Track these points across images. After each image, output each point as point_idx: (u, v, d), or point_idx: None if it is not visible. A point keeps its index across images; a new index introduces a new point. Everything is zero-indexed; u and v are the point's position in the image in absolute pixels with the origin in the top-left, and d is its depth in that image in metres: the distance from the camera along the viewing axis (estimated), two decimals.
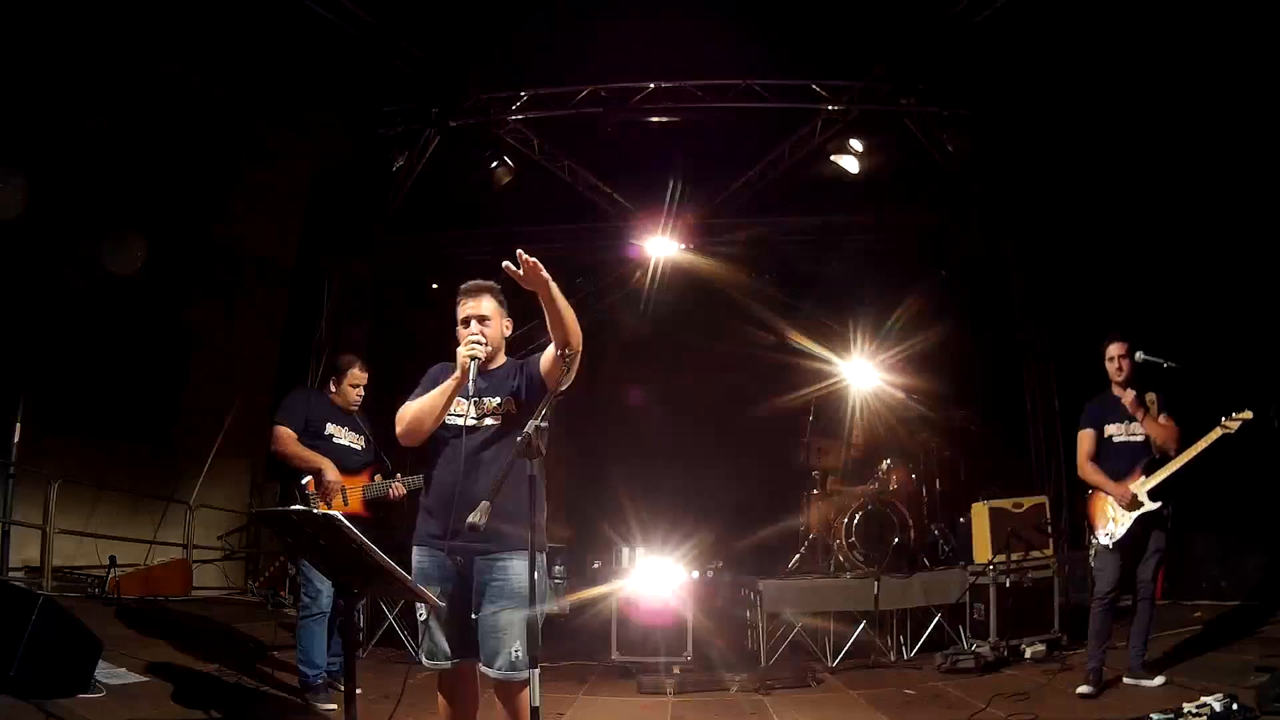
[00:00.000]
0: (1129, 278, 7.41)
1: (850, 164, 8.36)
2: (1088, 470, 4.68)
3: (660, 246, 9.15)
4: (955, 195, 8.62)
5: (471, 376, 2.80)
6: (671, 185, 8.97)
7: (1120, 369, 4.59)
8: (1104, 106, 7.25)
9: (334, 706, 4.32)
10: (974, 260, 8.80)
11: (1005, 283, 8.75)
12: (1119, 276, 7.55)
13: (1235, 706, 3.51)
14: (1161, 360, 4.42)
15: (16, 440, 6.40)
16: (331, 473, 4.40)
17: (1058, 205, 8.16)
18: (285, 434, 4.45)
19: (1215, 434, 4.25)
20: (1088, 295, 7.82)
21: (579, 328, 2.80)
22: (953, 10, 7.04)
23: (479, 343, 2.87)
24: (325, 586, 4.36)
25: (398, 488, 4.61)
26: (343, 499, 4.44)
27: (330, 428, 4.57)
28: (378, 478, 4.74)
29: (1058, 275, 8.29)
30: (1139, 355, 4.47)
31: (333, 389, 4.76)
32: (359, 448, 4.69)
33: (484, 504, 2.41)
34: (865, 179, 8.48)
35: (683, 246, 9.16)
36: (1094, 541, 4.61)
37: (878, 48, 7.75)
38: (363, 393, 4.75)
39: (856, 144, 8.26)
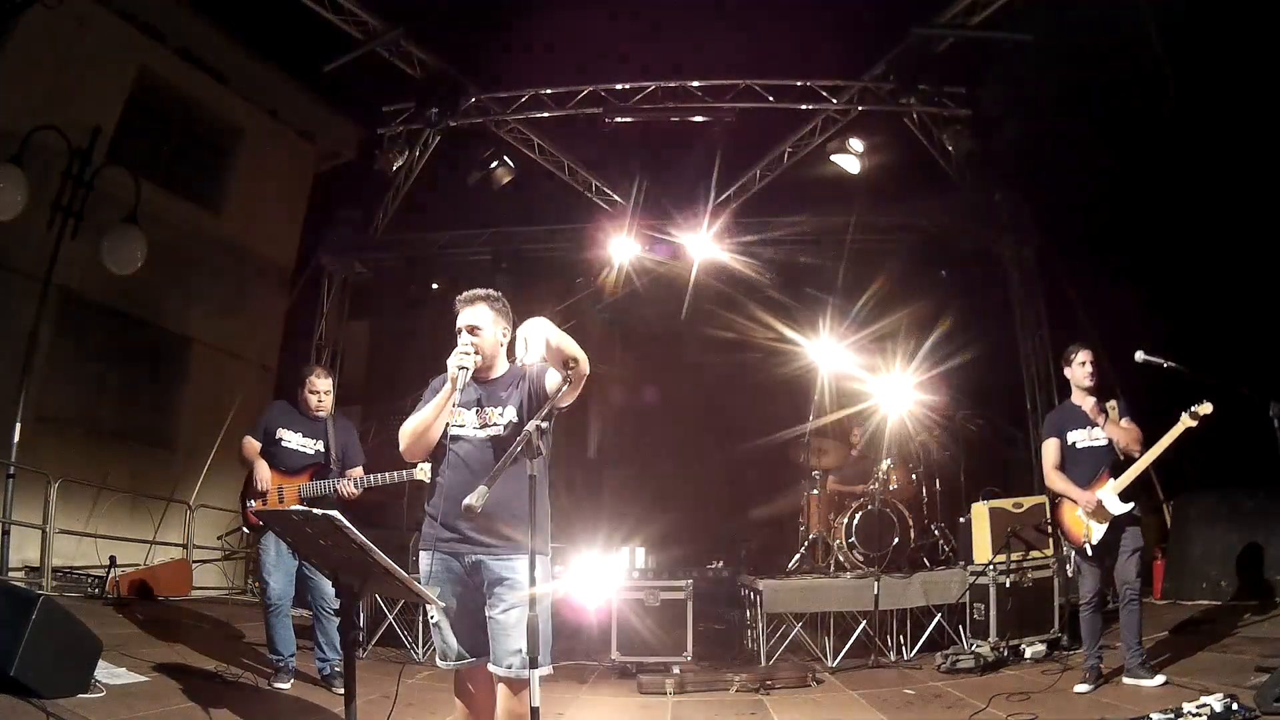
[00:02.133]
0: (1128, 276, 7.42)
1: (850, 164, 8.36)
2: (1054, 479, 4.74)
3: (659, 246, 9.15)
4: (955, 195, 8.63)
5: (460, 387, 2.82)
6: (671, 185, 8.98)
7: (1092, 374, 4.68)
8: (1102, 105, 7.26)
9: (287, 687, 4.68)
10: (974, 260, 8.80)
11: (1005, 283, 8.75)
12: (1118, 275, 7.55)
13: (1235, 706, 3.50)
14: (1161, 361, 4.41)
15: (16, 440, 6.39)
16: (261, 471, 4.79)
17: (1058, 205, 8.16)
18: (245, 442, 4.94)
19: (1178, 430, 4.29)
20: (1088, 295, 7.83)
21: (579, 350, 2.80)
22: (952, 10, 7.05)
23: (467, 354, 2.87)
24: (269, 578, 4.72)
25: (346, 486, 4.81)
26: (279, 496, 4.78)
27: (281, 433, 4.90)
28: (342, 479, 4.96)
29: (1057, 275, 8.30)
30: (1139, 356, 4.47)
31: (299, 398, 5.07)
32: (308, 451, 4.93)
33: (481, 488, 2.43)
34: (865, 179, 8.48)
35: (682, 246, 9.16)
36: (1069, 551, 4.63)
37: (878, 48, 7.75)
38: (322, 398, 4.98)
39: (856, 144, 8.27)
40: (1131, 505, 4.46)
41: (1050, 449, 4.78)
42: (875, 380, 8.29)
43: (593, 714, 4.95)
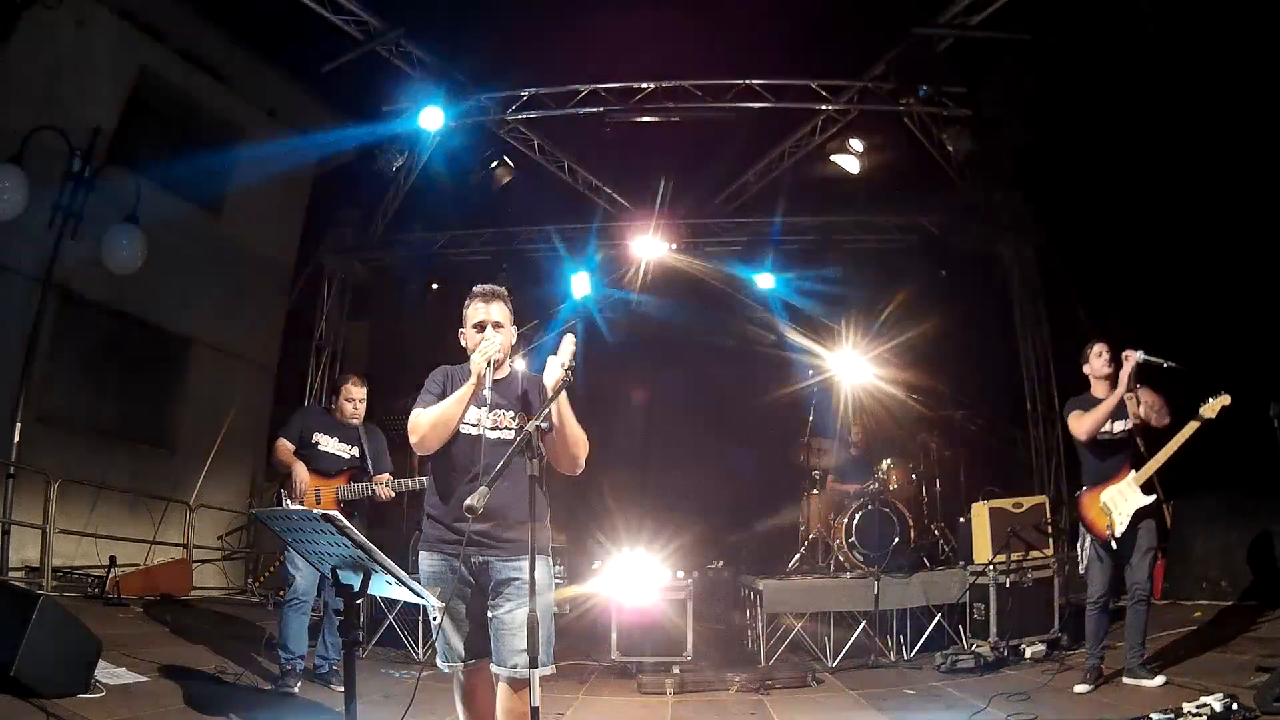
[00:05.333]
0: (1128, 277, 7.42)
1: (850, 164, 8.35)
2: (1084, 418, 4.57)
3: (660, 246, 9.15)
4: (955, 195, 8.63)
5: (488, 385, 2.82)
6: (671, 185, 8.98)
7: (1109, 361, 4.64)
8: (1103, 105, 7.25)
9: (295, 690, 4.65)
10: (974, 260, 8.80)
11: (1005, 283, 8.76)
12: (1119, 276, 7.55)
13: (1235, 706, 3.50)
14: (1161, 360, 4.43)
15: (16, 440, 6.39)
16: (300, 474, 4.80)
17: (1058, 205, 8.16)
18: (280, 444, 5.00)
19: (1198, 421, 4.29)
20: (1087, 295, 7.83)
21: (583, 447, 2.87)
22: (952, 10, 7.04)
23: (494, 347, 2.89)
24: (299, 575, 4.72)
25: (383, 489, 4.89)
26: (315, 498, 4.80)
27: (317, 436, 4.99)
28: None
29: (1057, 275, 8.30)
30: (1140, 355, 4.48)
31: (333, 405, 5.26)
32: (344, 455, 5.03)
33: (482, 489, 2.44)
34: (865, 179, 8.48)
35: (683, 246, 9.16)
36: (1087, 544, 4.61)
37: (878, 48, 7.74)
38: (358, 405, 5.13)
39: (856, 144, 8.26)
40: (1154, 497, 4.47)
41: (1076, 413, 4.67)
42: (876, 380, 8.31)
43: (593, 714, 4.95)
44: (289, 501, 4.75)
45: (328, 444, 4.98)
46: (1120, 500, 4.49)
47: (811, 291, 9.35)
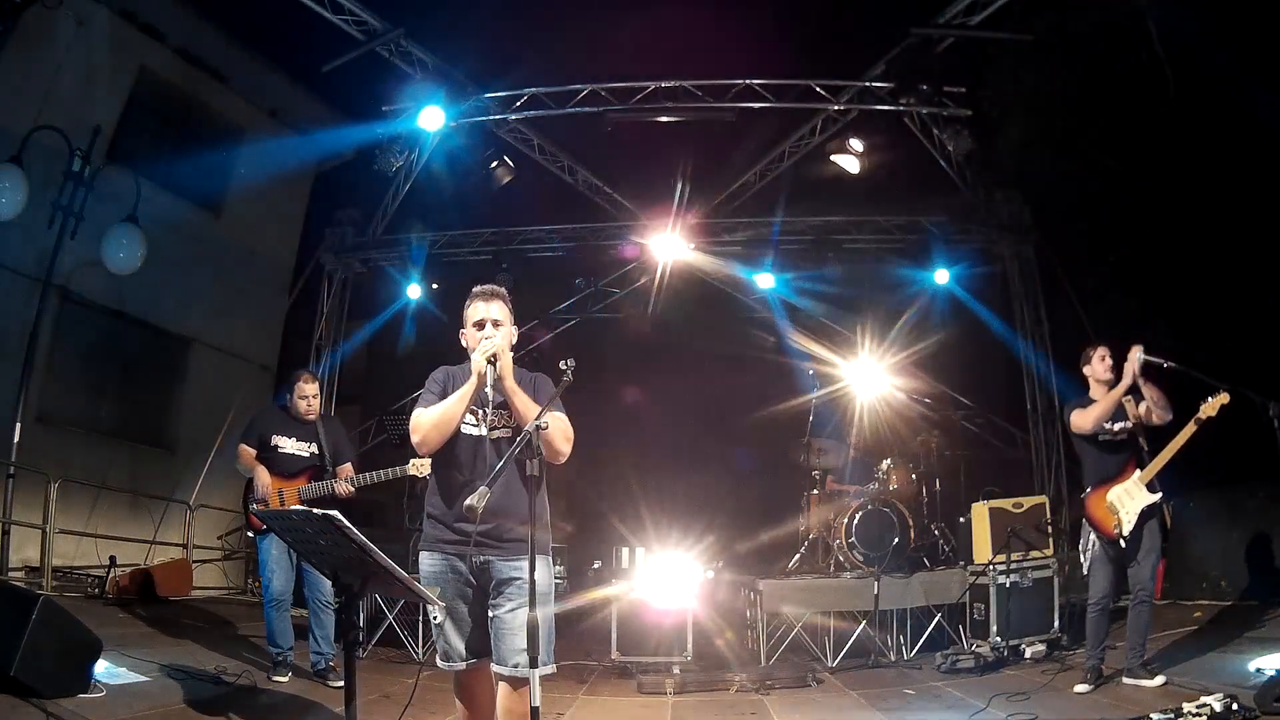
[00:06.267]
0: (1127, 276, 7.42)
1: (850, 164, 8.36)
2: (1088, 414, 4.58)
3: (661, 246, 9.16)
4: (955, 195, 8.63)
5: (490, 383, 2.81)
6: (672, 186, 8.98)
7: (1112, 367, 4.64)
8: (1103, 105, 7.26)
9: (285, 679, 4.80)
10: (974, 260, 8.81)
11: (1005, 283, 8.76)
12: (1118, 276, 7.56)
13: (1235, 706, 3.50)
14: (1161, 361, 4.43)
15: (16, 440, 6.39)
16: (262, 478, 4.90)
17: (1058, 205, 8.16)
18: (242, 449, 5.05)
19: (1196, 424, 4.30)
20: (1087, 295, 7.83)
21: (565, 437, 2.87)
22: (952, 10, 7.05)
23: (496, 345, 2.88)
24: (272, 576, 4.83)
25: (342, 486, 4.95)
26: (279, 500, 4.88)
27: (276, 439, 5.02)
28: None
29: (1057, 275, 8.30)
30: (1139, 356, 4.48)
31: (289, 403, 5.21)
32: (305, 455, 5.07)
33: (482, 489, 2.45)
34: (865, 179, 8.49)
35: (683, 246, 9.16)
36: (1093, 543, 4.60)
37: (878, 48, 7.74)
38: (311, 402, 5.12)
39: (856, 144, 8.26)
40: (1159, 495, 4.48)
41: (1079, 410, 4.67)
42: (870, 378, 8.31)
43: (593, 714, 4.95)
44: (255, 505, 4.86)
45: (286, 445, 5.02)
46: (1127, 499, 4.49)
47: (811, 291, 9.36)
